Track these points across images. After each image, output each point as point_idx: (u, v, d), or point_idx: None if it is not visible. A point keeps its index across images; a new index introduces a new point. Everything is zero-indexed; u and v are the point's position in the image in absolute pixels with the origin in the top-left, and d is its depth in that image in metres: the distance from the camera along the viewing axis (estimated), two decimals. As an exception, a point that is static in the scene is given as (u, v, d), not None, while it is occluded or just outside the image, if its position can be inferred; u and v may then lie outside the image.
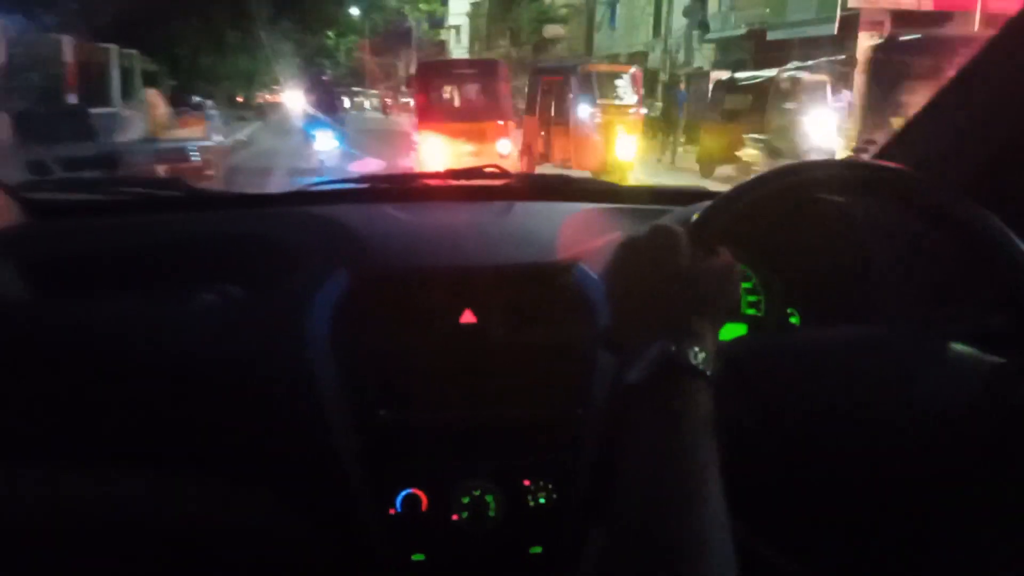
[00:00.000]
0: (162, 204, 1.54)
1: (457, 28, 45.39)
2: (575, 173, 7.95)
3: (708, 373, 0.70)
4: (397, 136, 14.60)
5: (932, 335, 0.90)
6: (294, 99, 21.96)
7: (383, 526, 1.15)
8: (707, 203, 0.89)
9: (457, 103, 12.02)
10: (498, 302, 1.17)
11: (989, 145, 1.13)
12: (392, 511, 1.15)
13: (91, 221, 1.42)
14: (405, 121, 15.60)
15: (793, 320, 1.31)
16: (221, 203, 1.55)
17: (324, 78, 13.30)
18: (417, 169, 9.88)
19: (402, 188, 1.65)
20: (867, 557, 0.83)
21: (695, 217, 0.85)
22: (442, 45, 46.32)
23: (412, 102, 14.35)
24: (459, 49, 44.06)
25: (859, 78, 13.10)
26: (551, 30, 32.98)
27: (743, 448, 0.80)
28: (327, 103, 12.48)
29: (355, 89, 38.64)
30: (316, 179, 1.63)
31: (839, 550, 0.83)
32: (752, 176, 0.89)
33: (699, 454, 0.65)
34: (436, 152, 10.90)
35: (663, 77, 22.16)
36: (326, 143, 12.16)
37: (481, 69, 12.85)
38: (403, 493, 1.15)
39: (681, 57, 23.11)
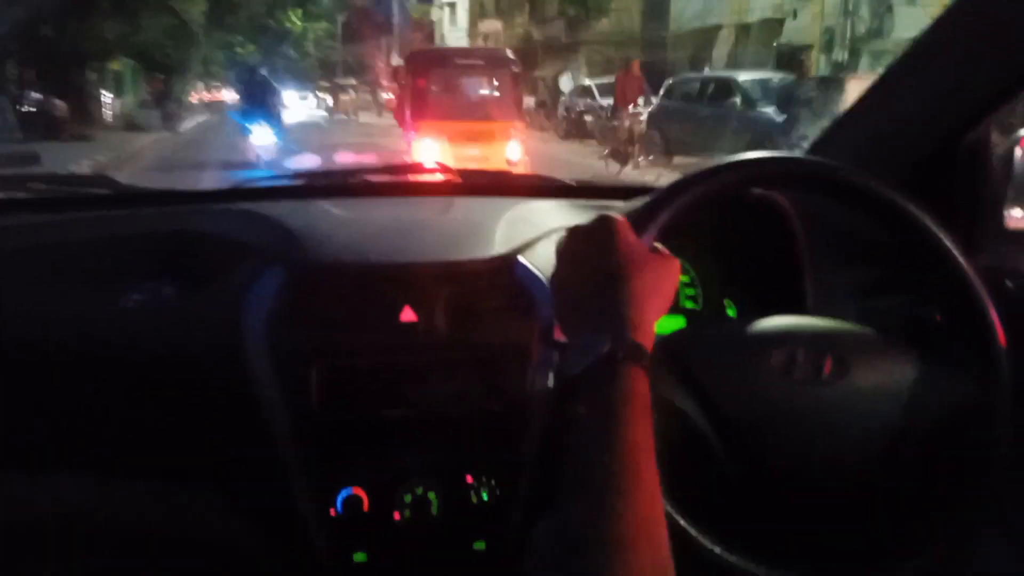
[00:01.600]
0: (90, 201, 1.49)
1: (452, 4, 38.31)
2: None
3: (645, 364, 0.70)
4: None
5: (865, 326, 0.93)
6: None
7: (324, 527, 1.13)
8: (646, 199, 0.89)
9: (459, 99, 10.37)
10: (438, 299, 1.16)
11: (922, 140, 1.16)
12: (333, 512, 1.13)
13: (14, 218, 1.37)
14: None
15: (730, 312, 1.33)
16: (151, 200, 1.50)
17: (262, 72, 13.02)
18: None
19: (340, 184, 1.63)
20: (800, 542, 0.85)
21: (634, 214, 0.86)
22: (431, 29, 39.65)
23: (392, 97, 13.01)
24: (455, 33, 36.85)
25: None
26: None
27: (683, 438, 0.82)
28: (262, 98, 12.20)
29: (323, 84, 35.13)
30: (251, 173, 1.59)
31: (773, 536, 0.84)
32: (690, 171, 0.90)
33: (638, 442, 0.65)
34: (434, 157, 9.13)
35: (837, 55, 14.04)
36: (263, 137, 11.89)
37: (488, 60, 11.15)
38: (344, 493, 1.13)
39: (865, 22, 14.44)
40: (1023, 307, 0.92)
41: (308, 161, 10.93)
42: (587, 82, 19.35)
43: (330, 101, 32.18)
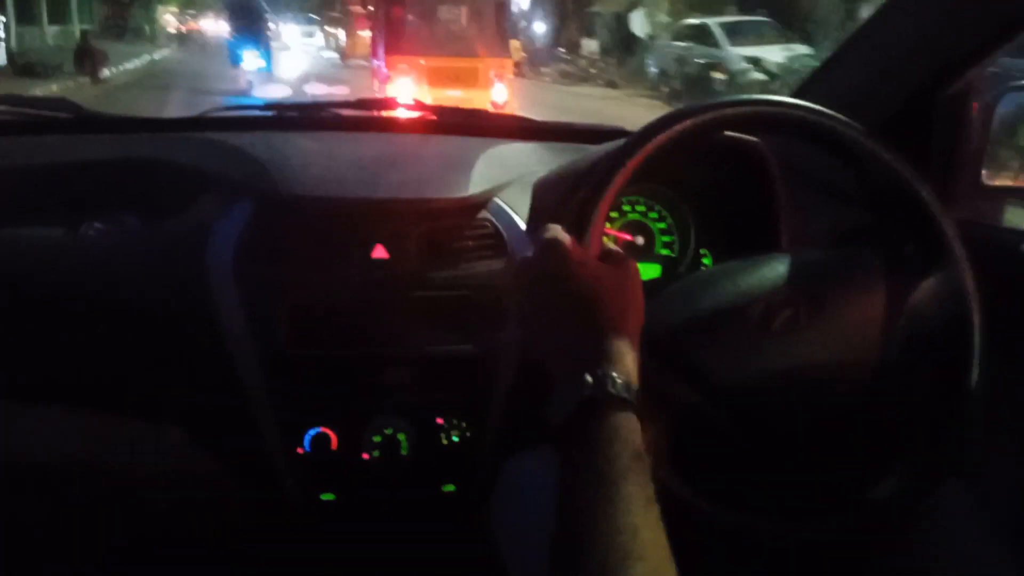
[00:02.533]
0: (50, 125, 1.44)
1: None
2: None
3: (631, 399, 0.65)
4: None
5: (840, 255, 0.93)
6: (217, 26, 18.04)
7: (292, 465, 1.13)
8: (618, 142, 0.87)
9: (437, 32, 9.13)
10: (411, 236, 1.14)
11: (903, 90, 1.15)
12: (300, 450, 1.12)
13: None
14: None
15: (706, 261, 1.33)
16: (115, 126, 1.45)
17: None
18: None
19: (312, 117, 1.58)
20: (797, 491, 0.85)
21: (595, 174, 0.83)
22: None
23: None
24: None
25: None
26: None
27: (680, 419, 0.81)
28: (253, 26, 11.94)
29: (333, 14, 27.94)
30: (226, 102, 1.54)
31: (772, 490, 0.84)
32: (659, 116, 0.87)
33: (625, 492, 0.60)
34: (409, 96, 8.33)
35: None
36: (252, 63, 11.60)
37: None
38: (312, 432, 1.12)
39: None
40: (995, 260, 0.93)
41: (279, 92, 10.63)
42: (701, 23, 14.01)
43: (342, 38, 23.92)
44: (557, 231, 0.75)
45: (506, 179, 1.20)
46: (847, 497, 0.85)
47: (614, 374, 0.66)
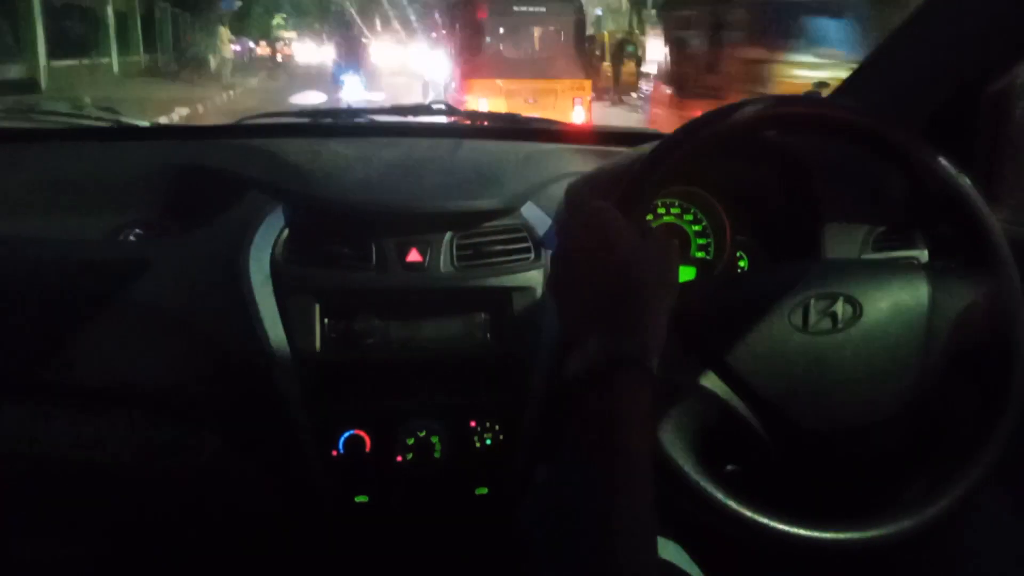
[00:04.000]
0: (92, 133, 1.47)
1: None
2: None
3: (649, 365, 0.66)
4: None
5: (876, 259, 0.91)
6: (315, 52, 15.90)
7: (326, 468, 1.13)
8: (654, 143, 0.86)
9: (515, 54, 8.80)
10: (445, 241, 1.15)
11: (945, 88, 1.13)
12: (335, 453, 1.13)
13: (14, 148, 1.35)
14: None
15: (742, 263, 1.31)
16: (154, 134, 1.48)
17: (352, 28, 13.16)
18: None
19: (346, 124, 1.60)
20: (834, 497, 0.84)
21: (635, 169, 0.82)
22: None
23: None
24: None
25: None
26: None
27: (713, 416, 0.80)
28: (355, 54, 12.43)
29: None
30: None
31: (809, 496, 0.83)
32: (700, 114, 0.86)
33: (632, 454, 0.62)
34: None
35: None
36: (352, 86, 11.82)
37: (550, 4, 8.98)
38: (346, 434, 1.13)
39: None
40: None
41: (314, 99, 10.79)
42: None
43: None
44: (602, 203, 0.76)
45: (539, 183, 1.20)
46: (883, 504, 0.83)
47: (638, 339, 0.67)
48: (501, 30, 8.78)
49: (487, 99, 8.04)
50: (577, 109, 8.40)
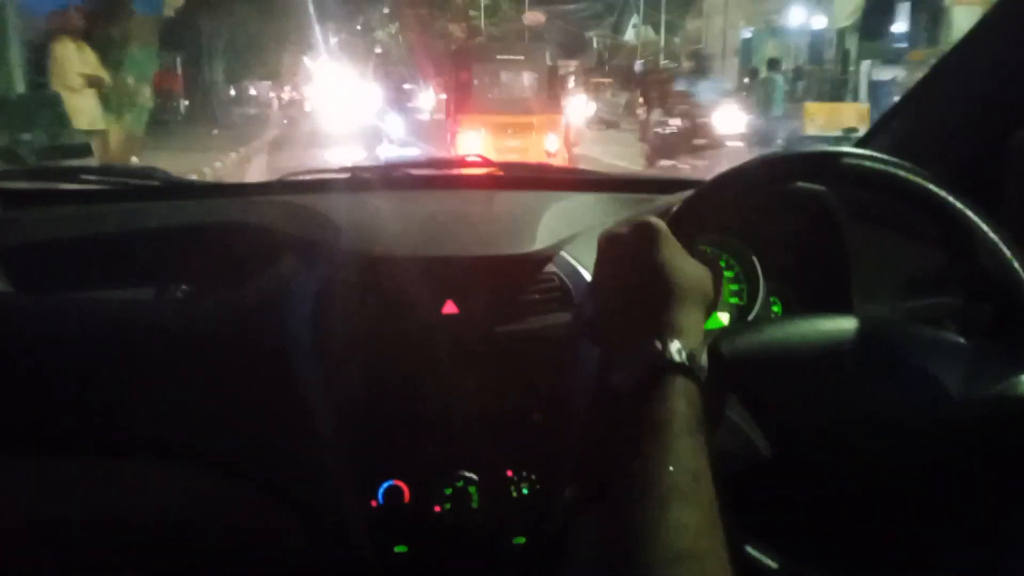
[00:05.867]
0: (138, 193, 1.52)
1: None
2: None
3: (696, 371, 0.67)
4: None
5: (914, 322, 0.90)
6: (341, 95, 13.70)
7: (365, 518, 1.15)
8: (689, 193, 0.88)
9: (498, 94, 10.45)
10: (480, 292, 1.17)
11: (971, 137, 1.13)
12: (374, 503, 1.14)
13: (63, 210, 1.40)
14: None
15: (776, 309, 1.31)
16: (199, 192, 1.53)
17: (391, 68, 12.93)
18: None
19: (384, 177, 1.64)
20: (861, 554, 0.83)
21: (675, 209, 0.84)
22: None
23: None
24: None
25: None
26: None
27: (740, 451, 0.80)
28: (399, 98, 12.25)
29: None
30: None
31: (830, 547, 0.82)
32: (734, 166, 0.88)
33: (688, 458, 0.62)
34: (475, 146, 9.16)
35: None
36: (395, 130, 11.90)
37: (527, 54, 11.07)
38: (385, 485, 1.14)
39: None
40: None
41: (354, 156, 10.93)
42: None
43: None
44: (654, 219, 0.78)
45: (572, 232, 1.22)
46: (919, 554, 0.82)
47: (684, 345, 0.68)
48: (486, 76, 10.52)
49: (475, 131, 9.60)
50: (550, 137, 9.80)
